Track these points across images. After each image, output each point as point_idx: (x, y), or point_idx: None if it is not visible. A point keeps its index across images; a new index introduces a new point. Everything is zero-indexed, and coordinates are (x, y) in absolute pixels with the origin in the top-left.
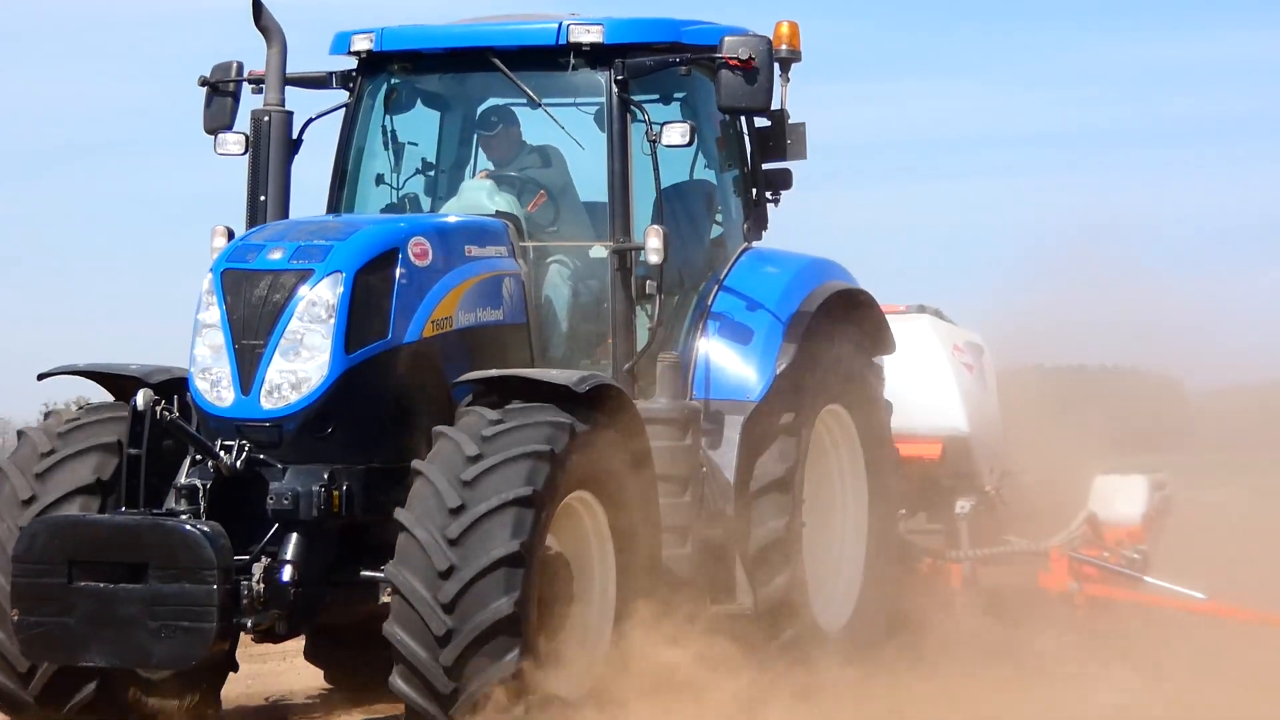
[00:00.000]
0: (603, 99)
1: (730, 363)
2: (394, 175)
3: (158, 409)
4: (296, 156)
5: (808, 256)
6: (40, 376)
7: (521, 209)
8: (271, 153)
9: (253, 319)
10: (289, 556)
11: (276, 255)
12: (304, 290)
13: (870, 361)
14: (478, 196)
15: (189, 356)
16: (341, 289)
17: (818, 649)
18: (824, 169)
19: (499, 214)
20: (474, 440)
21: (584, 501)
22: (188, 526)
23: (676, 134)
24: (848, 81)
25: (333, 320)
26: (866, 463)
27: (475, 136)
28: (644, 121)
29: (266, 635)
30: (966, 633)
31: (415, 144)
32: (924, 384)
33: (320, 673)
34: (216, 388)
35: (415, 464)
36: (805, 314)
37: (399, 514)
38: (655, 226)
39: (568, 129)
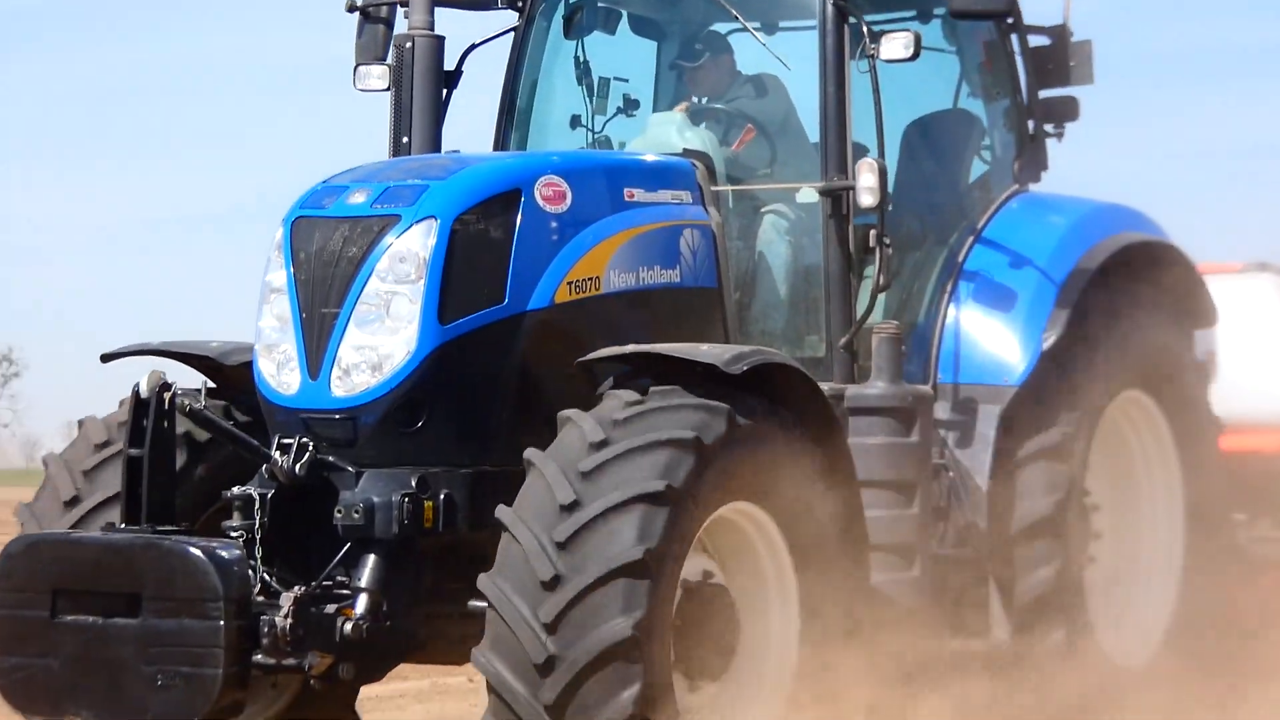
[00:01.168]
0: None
1: (985, 336)
2: (589, 114)
3: (168, 396)
4: (455, 92)
5: (1095, 202)
6: (104, 358)
7: (723, 147)
8: (416, 86)
9: (324, 280)
10: (363, 584)
11: (359, 199)
12: (389, 242)
13: (1184, 334)
14: (665, 132)
15: (254, 330)
16: (435, 240)
17: (1109, 690)
18: None
19: (687, 153)
20: (601, 424)
21: (750, 517)
22: (190, 547)
23: (898, 45)
24: None
25: (423, 281)
26: (1181, 459)
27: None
28: (864, 35)
29: (330, 682)
30: None
31: (623, 79)
32: (1262, 360)
33: None
34: (282, 370)
35: (528, 453)
36: (1084, 272)
37: (500, 511)
38: (869, 160)
39: (779, 50)
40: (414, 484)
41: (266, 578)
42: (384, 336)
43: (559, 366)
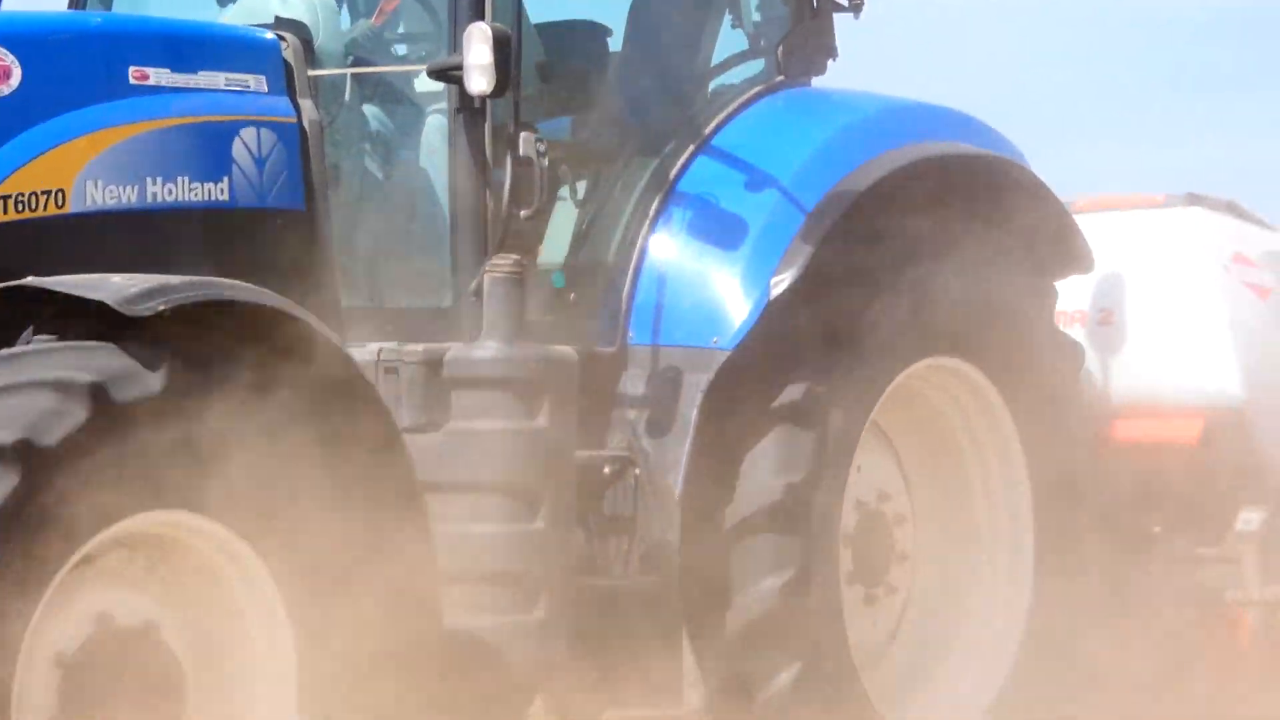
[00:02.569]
0: None
1: (695, 281)
2: None
3: None
4: None
5: (894, 100)
6: None
7: (356, 21)
8: None
9: None
10: None
11: None
12: None
13: (1035, 284)
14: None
15: None
16: None
17: None
18: None
19: (279, 23)
20: None
21: (210, 537)
22: None
23: None
24: None
25: None
26: (1027, 455)
27: None
28: None
29: None
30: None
31: None
32: (1172, 320)
33: None
34: None
35: None
36: (848, 195)
37: None
38: (481, 26)
39: None
40: None
41: None
42: None
43: None
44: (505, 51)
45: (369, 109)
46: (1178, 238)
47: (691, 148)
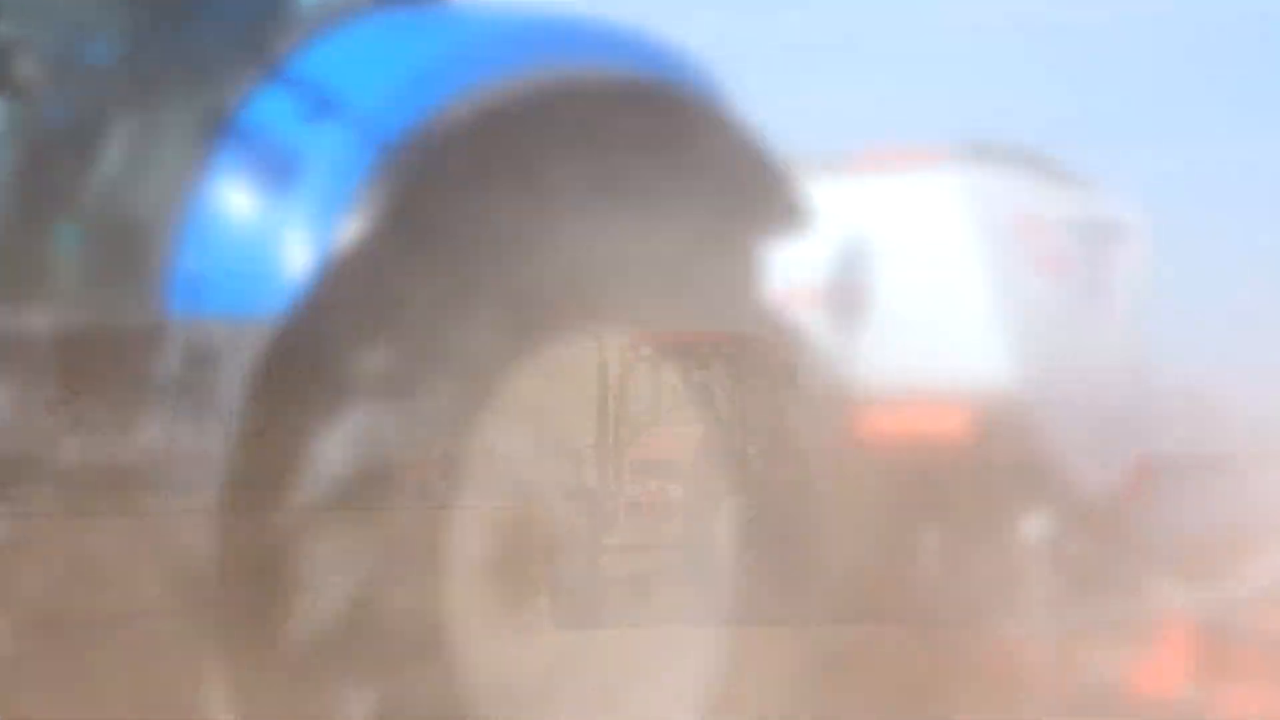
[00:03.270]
0: None
1: (241, 240)
2: None
3: None
4: None
5: (531, 13)
6: None
7: None
8: None
9: None
10: None
11: None
12: None
13: (723, 243)
14: None
15: None
16: None
17: None
18: None
19: None
20: None
21: None
22: None
23: None
24: None
25: None
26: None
27: None
28: None
29: None
30: None
31: None
32: (933, 296)
33: None
34: None
35: None
36: (438, 131)
37: None
38: None
39: None
40: None
41: None
42: None
43: None
44: None
45: None
46: (950, 198)
47: (257, 77)
